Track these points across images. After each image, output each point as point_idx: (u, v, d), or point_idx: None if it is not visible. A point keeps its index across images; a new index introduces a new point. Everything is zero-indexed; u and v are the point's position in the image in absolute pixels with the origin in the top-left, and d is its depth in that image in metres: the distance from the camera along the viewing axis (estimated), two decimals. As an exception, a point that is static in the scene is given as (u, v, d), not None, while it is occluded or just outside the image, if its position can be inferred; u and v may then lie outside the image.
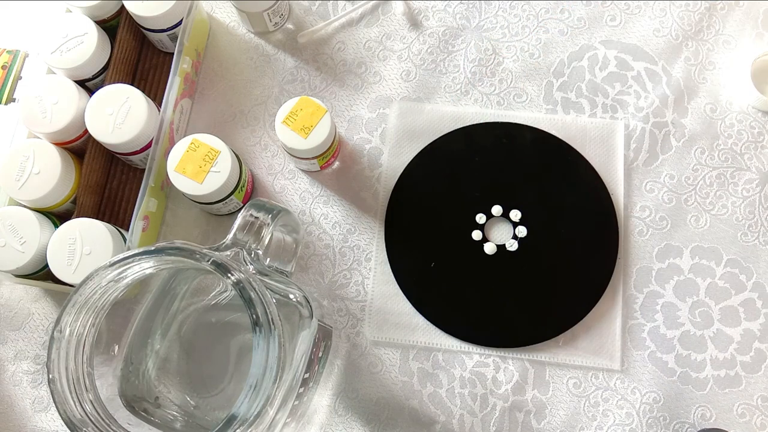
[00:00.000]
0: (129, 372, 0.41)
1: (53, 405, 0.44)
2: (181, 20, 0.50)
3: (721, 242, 0.50)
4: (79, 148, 0.51)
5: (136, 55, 0.53)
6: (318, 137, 0.47)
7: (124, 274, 0.36)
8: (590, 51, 0.54)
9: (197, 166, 0.46)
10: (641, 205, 0.50)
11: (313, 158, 0.49)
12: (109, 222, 0.47)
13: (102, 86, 0.48)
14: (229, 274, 0.34)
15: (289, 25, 0.56)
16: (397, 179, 0.52)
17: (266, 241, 0.39)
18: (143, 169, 0.50)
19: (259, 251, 0.38)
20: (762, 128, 0.51)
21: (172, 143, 0.49)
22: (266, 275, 0.39)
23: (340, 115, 0.54)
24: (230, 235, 0.39)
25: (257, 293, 0.34)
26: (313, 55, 0.55)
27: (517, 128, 0.52)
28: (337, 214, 0.52)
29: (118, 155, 0.50)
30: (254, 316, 0.33)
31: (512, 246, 0.49)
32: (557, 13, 0.55)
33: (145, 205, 0.47)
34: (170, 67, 0.50)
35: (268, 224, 0.39)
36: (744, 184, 0.51)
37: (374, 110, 0.53)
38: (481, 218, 0.50)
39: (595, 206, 0.50)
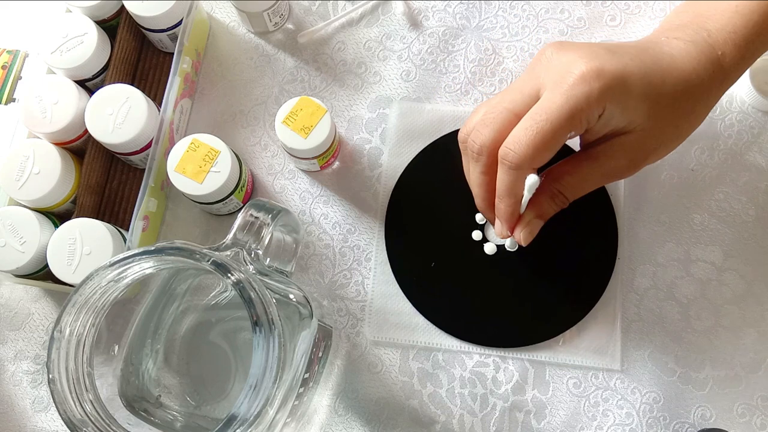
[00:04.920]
0: (129, 372, 0.41)
1: (53, 405, 0.44)
2: (181, 20, 0.50)
3: (721, 242, 0.50)
4: (79, 148, 0.51)
5: (136, 55, 0.53)
6: (318, 137, 0.47)
7: (124, 274, 0.36)
8: (590, 51, 0.54)
9: (197, 166, 0.46)
10: (641, 205, 0.50)
11: (313, 158, 0.49)
12: (109, 222, 0.47)
13: (102, 86, 0.48)
14: (229, 274, 0.34)
15: (289, 25, 0.56)
16: (397, 179, 0.52)
17: (266, 241, 0.39)
18: (143, 169, 0.50)
19: (259, 251, 0.38)
20: (762, 128, 0.51)
21: (172, 143, 0.49)
22: (266, 275, 0.39)
23: (340, 115, 0.54)
24: (230, 235, 0.39)
25: (257, 293, 0.34)
26: (313, 55, 0.55)
27: (517, 128, 0.52)
28: (337, 214, 0.52)
29: (118, 155, 0.50)
30: (254, 316, 0.33)
31: (512, 246, 0.49)
32: (557, 13, 0.55)
33: (145, 205, 0.47)
34: (170, 67, 0.50)
35: (268, 224, 0.39)
36: (744, 184, 0.51)
37: (374, 110, 0.53)
38: (481, 218, 0.50)
39: (595, 206, 0.50)
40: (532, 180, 0.37)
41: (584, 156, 0.40)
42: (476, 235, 0.50)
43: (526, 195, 0.39)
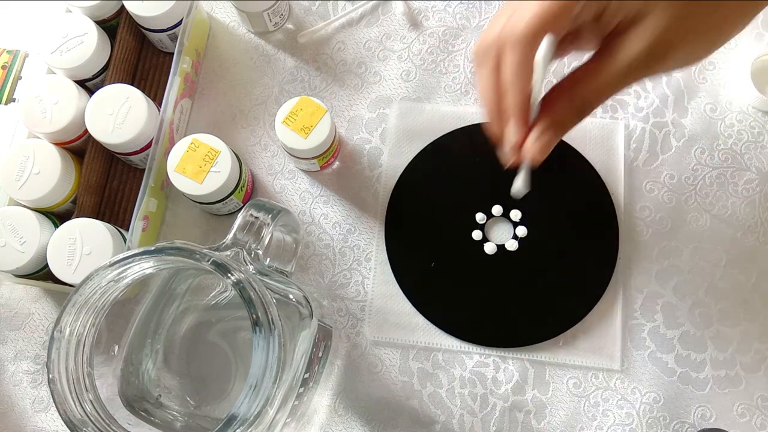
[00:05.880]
0: (129, 372, 0.41)
1: (53, 405, 0.44)
2: (181, 20, 0.50)
3: (721, 242, 0.50)
4: (79, 148, 0.51)
5: (136, 55, 0.53)
6: (318, 137, 0.47)
7: (124, 274, 0.36)
8: (590, 51, 0.54)
9: (197, 166, 0.46)
10: (641, 205, 0.50)
11: (313, 158, 0.49)
12: (109, 222, 0.47)
13: (102, 86, 0.48)
14: (229, 274, 0.34)
15: (289, 25, 0.56)
16: (397, 179, 0.52)
17: (266, 241, 0.39)
18: (143, 169, 0.50)
19: (259, 251, 0.38)
20: (762, 128, 0.51)
21: (172, 143, 0.49)
22: (266, 275, 0.39)
23: (340, 115, 0.54)
24: (230, 235, 0.39)
25: (257, 293, 0.34)
26: (313, 55, 0.55)
27: (517, 128, 0.52)
28: (337, 214, 0.52)
29: (118, 155, 0.50)
30: (254, 316, 0.33)
31: (512, 246, 0.49)
32: (557, 13, 0.55)
33: (145, 205, 0.47)
34: (170, 67, 0.50)
35: (268, 224, 0.39)
36: (744, 184, 0.51)
37: (374, 110, 0.53)
38: (481, 218, 0.50)
39: (595, 206, 0.50)
40: (547, 42, 0.33)
41: (600, 52, 0.35)
42: (476, 235, 0.50)
43: (540, 70, 0.34)
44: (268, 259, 0.43)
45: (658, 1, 0.33)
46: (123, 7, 0.51)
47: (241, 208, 0.46)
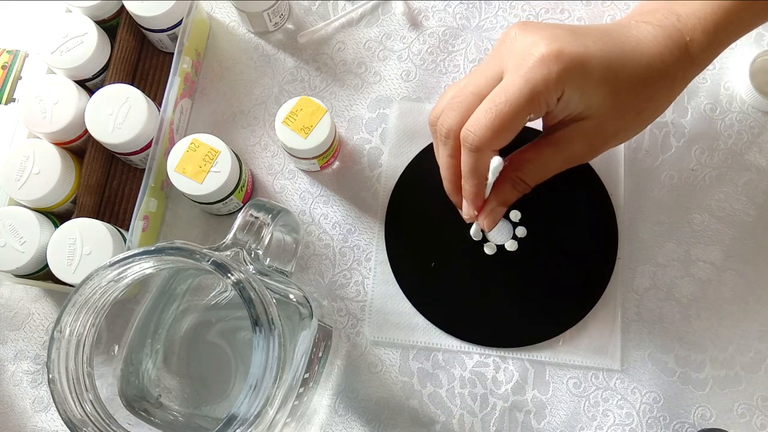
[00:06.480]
0: (129, 372, 0.41)
1: (53, 405, 0.44)
2: (181, 20, 0.50)
3: (721, 242, 0.50)
4: (79, 148, 0.51)
5: (136, 55, 0.53)
6: (318, 137, 0.47)
7: (124, 274, 0.36)
8: (590, 51, 0.54)
9: (197, 166, 0.46)
10: (641, 205, 0.50)
11: (313, 158, 0.49)
12: (109, 222, 0.47)
13: (102, 86, 0.48)
14: (229, 274, 0.34)
15: (289, 25, 0.56)
16: (397, 179, 0.52)
17: (266, 241, 0.39)
18: (143, 169, 0.50)
19: (259, 251, 0.38)
20: (762, 128, 0.51)
21: (172, 143, 0.49)
22: (266, 275, 0.39)
23: (340, 115, 0.54)
24: (230, 235, 0.39)
25: (257, 293, 0.34)
26: (313, 55, 0.55)
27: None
28: (337, 214, 0.52)
29: (118, 155, 0.50)
30: (254, 316, 0.33)
31: (512, 246, 0.49)
32: (557, 13, 0.55)
33: (145, 205, 0.47)
34: (170, 67, 0.50)
35: (268, 224, 0.39)
36: (744, 184, 0.51)
37: (374, 110, 0.53)
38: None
39: (595, 206, 0.50)
40: (495, 163, 0.38)
41: (545, 142, 0.41)
42: (476, 235, 0.50)
43: (491, 177, 0.39)
44: (268, 259, 0.43)
45: (597, 105, 0.37)
46: (123, 7, 0.51)
47: (241, 208, 0.46)
